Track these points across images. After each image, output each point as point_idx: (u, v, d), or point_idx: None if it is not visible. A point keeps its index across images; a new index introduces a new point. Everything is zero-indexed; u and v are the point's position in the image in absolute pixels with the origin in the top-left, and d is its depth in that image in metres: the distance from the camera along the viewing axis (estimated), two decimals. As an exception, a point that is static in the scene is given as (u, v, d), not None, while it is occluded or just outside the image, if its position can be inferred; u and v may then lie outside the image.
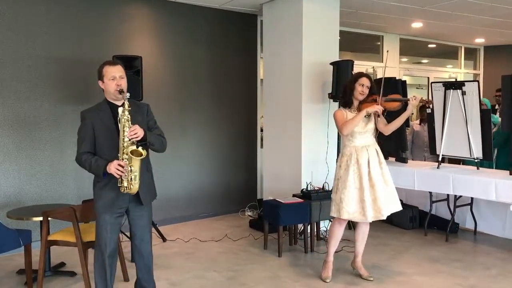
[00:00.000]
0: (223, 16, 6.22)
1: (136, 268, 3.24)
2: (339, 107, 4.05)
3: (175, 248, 4.93)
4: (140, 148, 2.90)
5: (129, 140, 2.87)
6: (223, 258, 4.61)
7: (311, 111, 5.40)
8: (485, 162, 5.27)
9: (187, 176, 6.06)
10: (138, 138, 2.89)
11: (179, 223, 5.91)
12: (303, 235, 4.82)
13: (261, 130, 6.46)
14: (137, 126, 2.88)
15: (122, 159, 2.88)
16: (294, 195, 5.00)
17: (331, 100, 5.29)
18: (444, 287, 3.84)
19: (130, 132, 2.85)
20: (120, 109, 2.93)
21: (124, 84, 2.98)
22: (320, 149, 5.39)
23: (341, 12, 5.60)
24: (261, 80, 6.44)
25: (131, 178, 2.90)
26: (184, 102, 5.99)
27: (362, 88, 3.81)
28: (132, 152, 2.88)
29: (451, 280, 3.99)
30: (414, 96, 3.86)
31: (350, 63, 5.16)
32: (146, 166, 3.10)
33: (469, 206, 5.28)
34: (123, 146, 2.88)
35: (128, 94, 2.90)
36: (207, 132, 6.20)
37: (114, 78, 2.95)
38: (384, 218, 3.80)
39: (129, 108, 2.89)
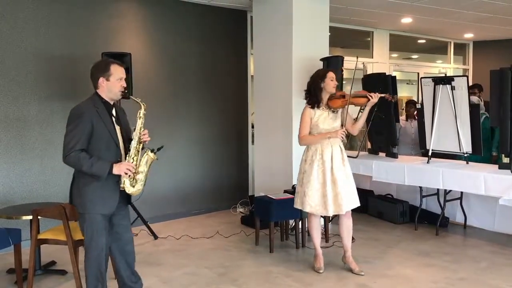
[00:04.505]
0: (212, 12, 6.19)
1: (118, 270, 3.18)
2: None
3: (167, 245, 4.92)
4: (150, 152, 3.01)
5: (139, 142, 2.95)
6: (215, 254, 4.61)
7: (302, 107, 5.33)
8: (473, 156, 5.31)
9: (178, 173, 6.04)
10: (147, 141, 2.99)
11: (170, 220, 5.89)
12: (294, 231, 4.83)
13: (252, 127, 6.45)
14: (146, 130, 2.98)
15: (132, 159, 2.92)
16: (285, 191, 5.01)
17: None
18: (434, 281, 3.87)
19: (143, 134, 2.96)
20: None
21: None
22: (311, 145, 5.39)
23: (331, 8, 5.61)
24: (252, 76, 6.43)
25: (135, 180, 2.93)
26: (174, 99, 5.97)
27: (333, 82, 3.95)
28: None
29: (441, 273, 4.02)
30: (375, 94, 3.90)
31: (340, 59, 5.17)
32: None
33: (458, 200, 5.33)
34: (136, 146, 2.94)
35: (140, 99, 3.01)
36: (198, 129, 6.18)
37: (121, 79, 2.94)
38: (343, 213, 3.90)
39: (145, 112, 2.98)
